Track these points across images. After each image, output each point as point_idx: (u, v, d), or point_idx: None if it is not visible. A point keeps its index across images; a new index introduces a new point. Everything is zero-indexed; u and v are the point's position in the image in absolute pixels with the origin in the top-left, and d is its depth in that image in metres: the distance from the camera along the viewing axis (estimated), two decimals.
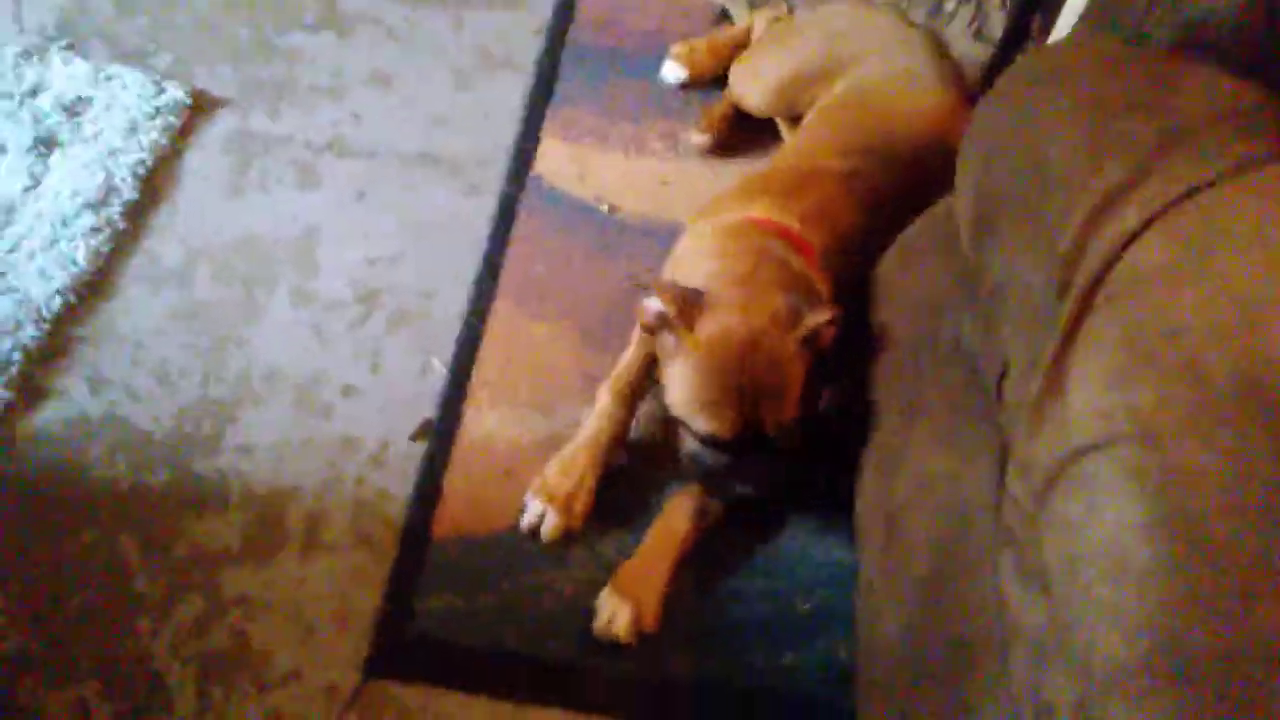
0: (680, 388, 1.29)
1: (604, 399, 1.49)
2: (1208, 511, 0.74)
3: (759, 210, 1.44)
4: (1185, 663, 0.71)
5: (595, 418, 1.48)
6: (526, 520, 1.44)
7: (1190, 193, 0.86)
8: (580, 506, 1.44)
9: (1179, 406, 0.79)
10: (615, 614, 1.35)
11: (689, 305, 1.27)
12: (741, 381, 1.24)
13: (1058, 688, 0.79)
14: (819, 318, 1.26)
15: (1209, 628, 0.71)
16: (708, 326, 1.26)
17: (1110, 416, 0.81)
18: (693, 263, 1.41)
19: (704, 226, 1.48)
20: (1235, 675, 0.70)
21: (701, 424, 1.27)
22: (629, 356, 1.52)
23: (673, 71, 1.97)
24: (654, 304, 1.29)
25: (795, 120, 1.80)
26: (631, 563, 1.39)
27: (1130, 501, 0.78)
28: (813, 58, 1.76)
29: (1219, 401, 0.77)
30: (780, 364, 1.25)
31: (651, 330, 1.32)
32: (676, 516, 1.41)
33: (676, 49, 1.98)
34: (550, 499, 1.43)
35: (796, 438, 1.30)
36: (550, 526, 1.43)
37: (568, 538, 1.44)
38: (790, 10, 2.07)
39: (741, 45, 1.97)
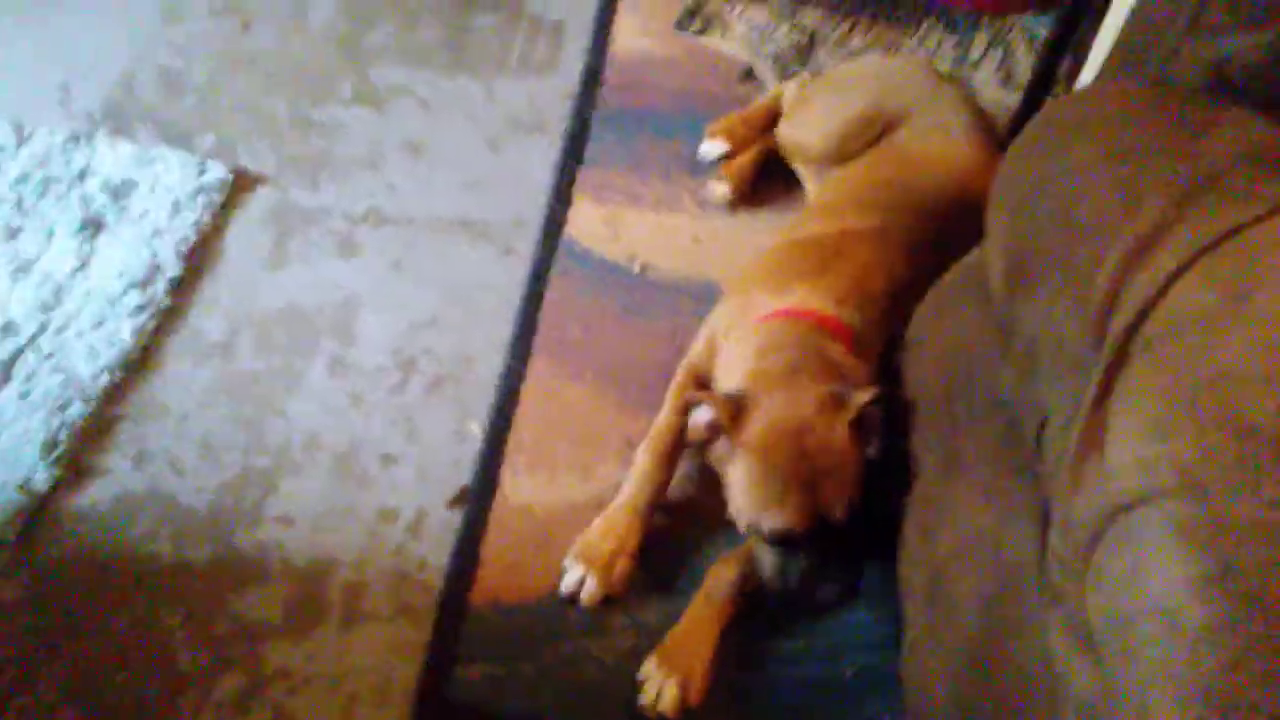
0: (742, 491, 1.30)
1: (642, 460, 1.48)
2: (1260, 566, 0.71)
3: (795, 299, 1.45)
4: None
5: (634, 480, 1.47)
6: (566, 585, 1.42)
7: (1225, 235, 0.84)
8: (621, 571, 1.42)
9: (1224, 457, 0.76)
10: (662, 689, 1.32)
11: (736, 408, 1.29)
12: (799, 469, 1.25)
13: None
14: (862, 398, 1.27)
15: (1267, 690, 0.68)
16: (757, 424, 1.28)
17: (1152, 469, 0.79)
18: (733, 365, 1.43)
19: (743, 327, 1.48)
20: None
21: (770, 521, 1.27)
22: (664, 417, 1.51)
23: (713, 149, 1.97)
24: (703, 414, 1.31)
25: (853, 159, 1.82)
26: (675, 634, 1.37)
27: (1178, 558, 0.75)
28: (870, 104, 1.78)
29: (1265, 451, 0.74)
30: (833, 447, 1.26)
31: (706, 442, 1.34)
32: (719, 585, 1.39)
33: (712, 127, 1.98)
34: (590, 563, 1.42)
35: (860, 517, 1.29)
36: (590, 592, 1.41)
37: (608, 602, 1.42)
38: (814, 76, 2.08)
39: (775, 112, 1.98)
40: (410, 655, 1.39)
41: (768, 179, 1.95)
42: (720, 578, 1.39)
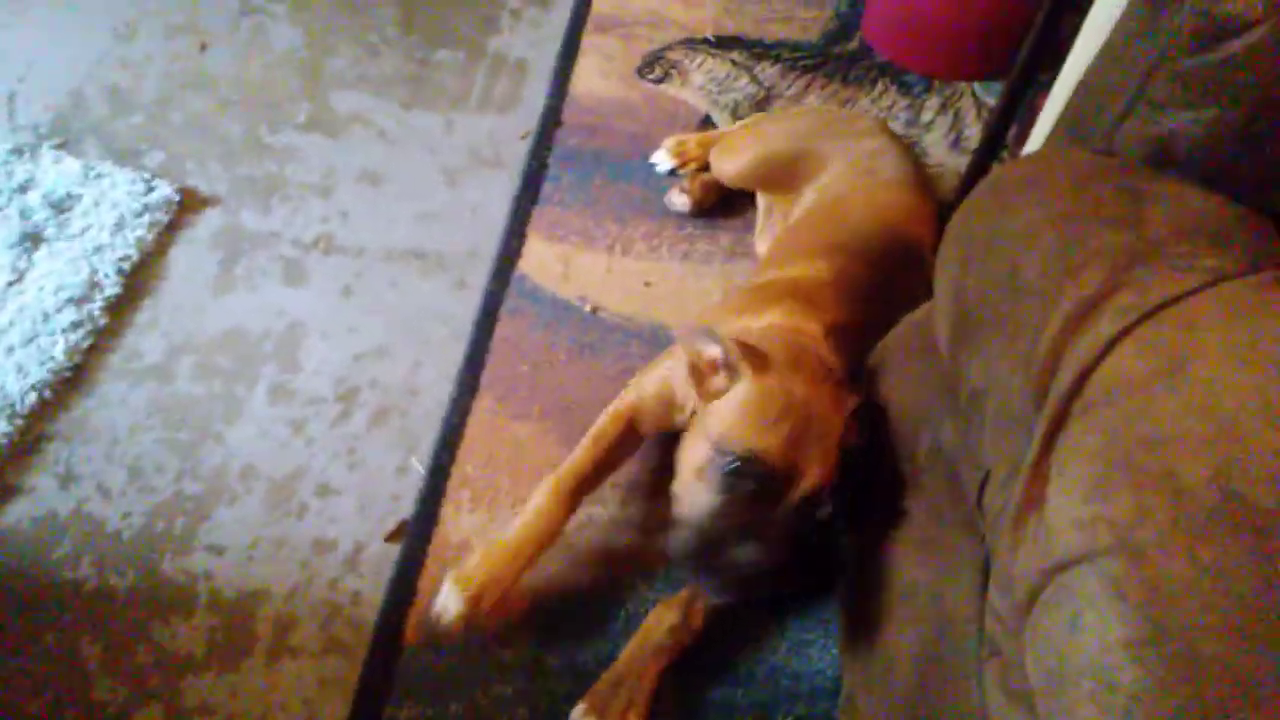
0: (734, 410, 1.23)
1: (541, 497, 1.40)
2: (1193, 628, 0.72)
3: (779, 317, 1.42)
4: None
5: (529, 514, 1.39)
6: (436, 603, 1.34)
7: (1164, 304, 0.87)
8: (488, 603, 1.34)
9: (1159, 518, 0.77)
10: (449, 602, 1.30)
11: (756, 354, 1.26)
12: (798, 414, 1.20)
13: None
14: (855, 399, 1.26)
15: None
16: (770, 366, 1.25)
17: (1090, 528, 0.80)
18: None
19: (733, 328, 1.43)
20: None
21: (749, 440, 1.19)
22: (578, 455, 1.45)
23: (662, 160, 2.03)
24: (712, 348, 1.26)
25: (774, 192, 1.89)
26: (608, 677, 1.35)
27: (1114, 618, 0.76)
28: (783, 144, 1.85)
29: (1199, 513, 0.76)
30: (830, 423, 1.22)
31: (699, 376, 1.29)
32: (659, 628, 1.37)
33: (669, 141, 2.05)
34: (463, 589, 1.34)
35: (817, 512, 1.22)
36: (453, 616, 1.33)
37: (469, 629, 1.34)
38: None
39: None
40: (340, 693, 1.36)
41: (727, 211, 1.98)
42: (661, 621, 1.37)
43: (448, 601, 1.33)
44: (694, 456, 1.26)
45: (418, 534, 1.51)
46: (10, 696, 1.31)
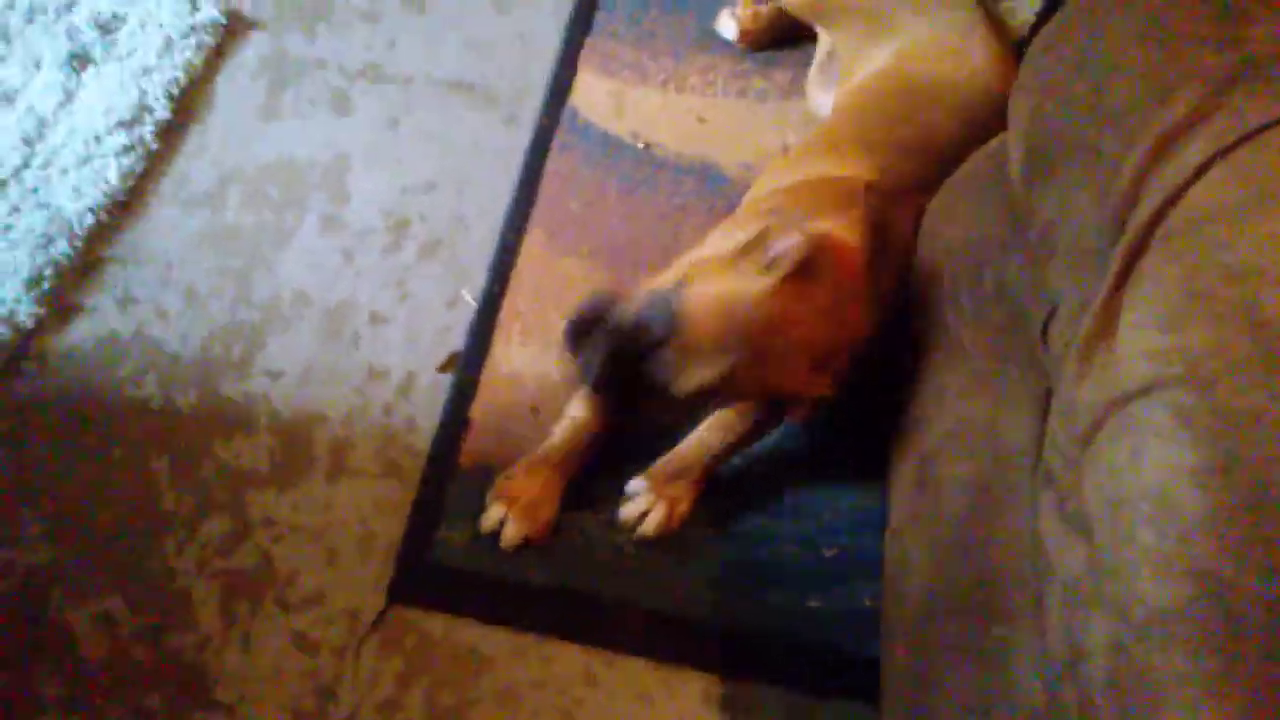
0: (716, 296, 1.15)
1: (578, 408, 1.40)
2: (1264, 459, 0.72)
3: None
4: (1232, 612, 0.69)
5: (568, 425, 1.40)
6: (485, 524, 1.36)
7: (1259, 130, 0.83)
8: (545, 514, 1.36)
9: (1235, 350, 0.76)
10: (651, 511, 1.35)
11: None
12: (750, 354, 1.14)
13: (1093, 630, 0.77)
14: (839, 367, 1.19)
15: (1258, 577, 0.69)
16: (792, 300, 1.14)
17: (1162, 359, 0.79)
18: None
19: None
20: None
21: (695, 333, 1.14)
22: None
23: (726, 28, 1.90)
24: (788, 243, 1.14)
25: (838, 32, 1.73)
26: (671, 460, 1.37)
27: (1180, 447, 0.75)
28: None
29: (1277, 346, 0.74)
30: (795, 363, 1.16)
31: (752, 246, 1.18)
32: (718, 428, 1.38)
33: (739, 10, 1.88)
34: (511, 504, 1.35)
35: (695, 400, 1.20)
36: (511, 533, 1.35)
37: (528, 545, 1.36)
38: None
39: None
40: (394, 513, 1.40)
41: (786, 46, 1.89)
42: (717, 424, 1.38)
43: (500, 521, 1.36)
44: (660, 280, 1.22)
45: (470, 365, 1.52)
46: (80, 506, 1.37)
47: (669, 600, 1.35)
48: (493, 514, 1.37)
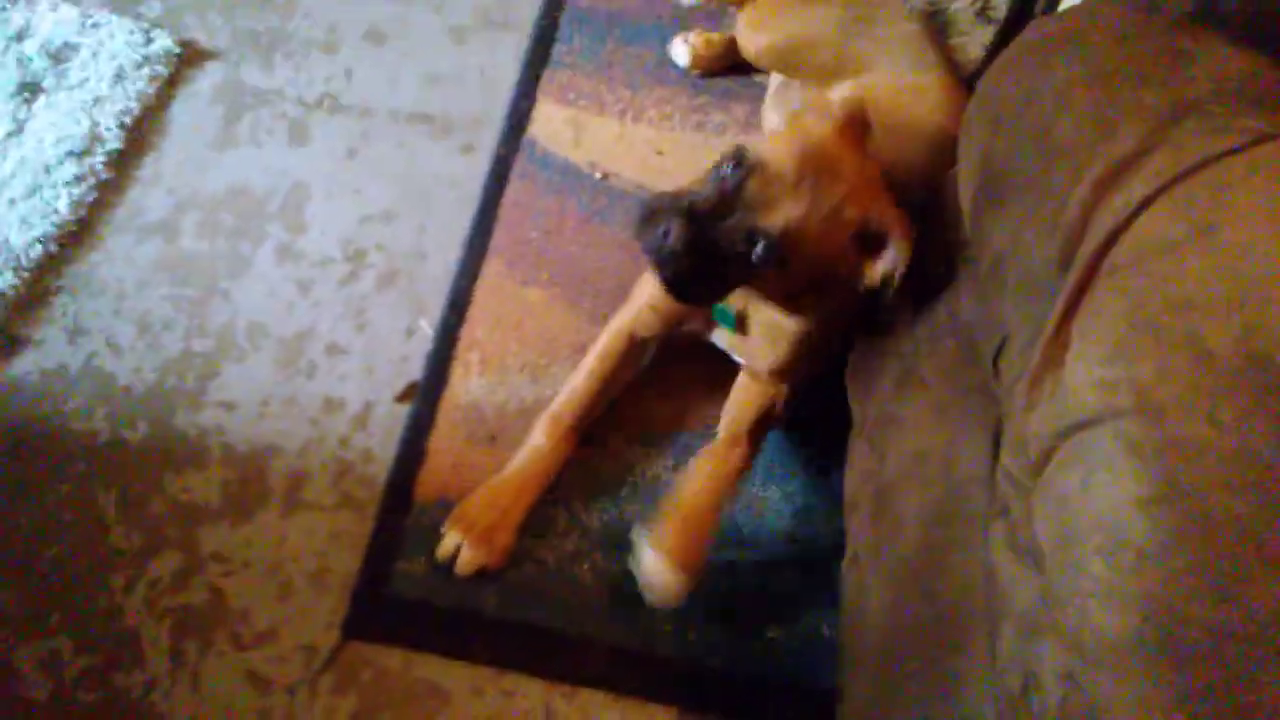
0: (790, 138, 1.22)
1: (539, 437, 1.42)
2: (1208, 487, 0.73)
3: None
4: (1180, 640, 0.70)
5: (527, 453, 1.41)
6: (440, 552, 1.36)
7: (1199, 165, 0.85)
8: (500, 544, 1.36)
9: (1181, 380, 0.77)
10: (668, 577, 1.27)
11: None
12: (815, 188, 1.15)
13: (1045, 660, 0.78)
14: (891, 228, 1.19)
15: (1206, 605, 0.70)
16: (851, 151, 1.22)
17: (1110, 389, 0.80)
18: None
19: None
20: (1231, 654, 0.69)
21: (769, 152, 1.18)
22: (577, 386, 1.44)
23: (679, 54, 1.91)
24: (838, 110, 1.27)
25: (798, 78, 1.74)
26: (674, 522, 1.30)
27: (1128, 476, 0.76)
28: (818, 36, 1.65)
29: (1222, 376, 0.76)
30: (840, 221, 1.17)
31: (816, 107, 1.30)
32: (706, 470, 1.36)
33: (692, 37, 1.90)
34: (467, 532, 1.36)
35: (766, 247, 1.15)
36: (466, 561, 1.35)
37: (485, 573, 1.36)
38: None
39: None
40: (351, 546, 1.38)
41: (742, 78, 1.90)
42: (706, 468, 1.36)
43: (456, 548, 1.35)
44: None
45: (427, 395, 1.51)
46: (28, 542, 1.33)
47: (629, 633, 1.35)
48: (448, 542, 1.36)
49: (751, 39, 1.75)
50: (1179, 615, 0.71)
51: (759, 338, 1.40)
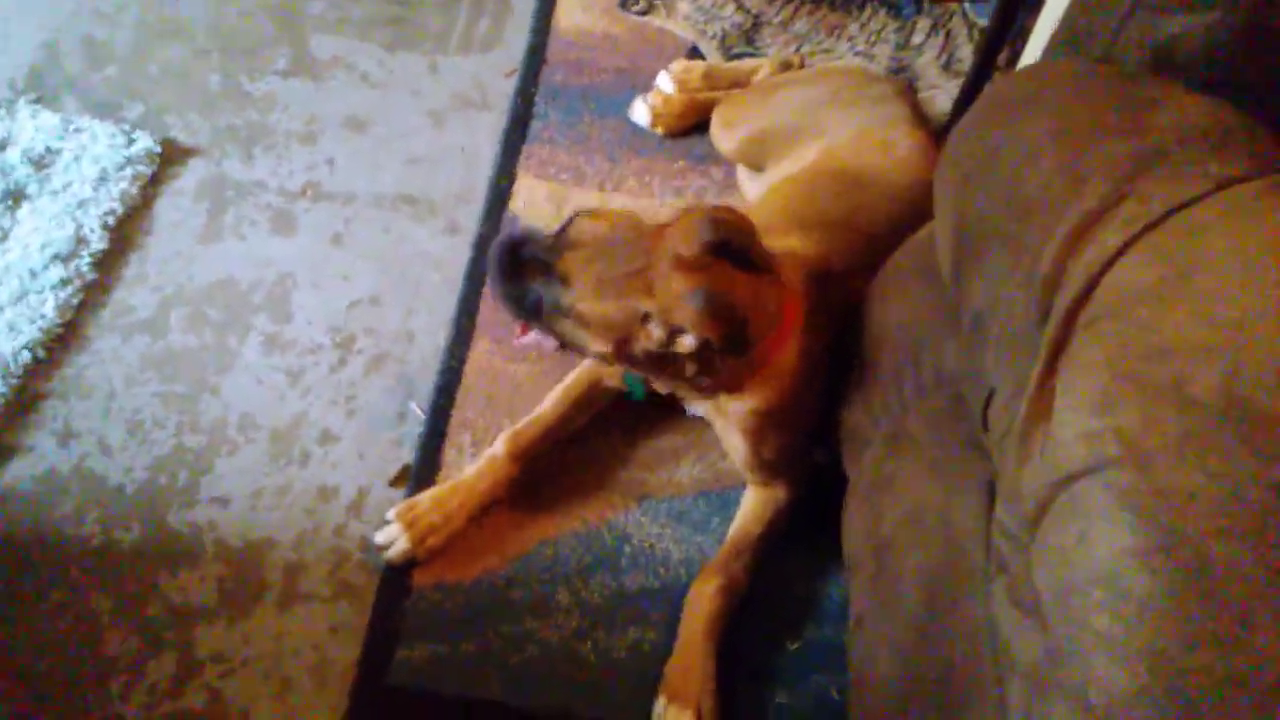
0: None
1: (498, 449, 1.47)
2: (1203, 535, 0.73)
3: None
4: (1186, 691, 0.69)
5: (484, 464, 1.46)
6: (380, 536, 1.42)
7: (1169, 213, 0.86)
8: (433, 542, 1.42)
9: (1167, 428, 0.77)
10: (397, 541, 1.38)
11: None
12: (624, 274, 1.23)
13: (1054, 718, 0.77)
14: (693, 327, 1.21)
15: (1209, 655, 0.69)
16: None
17: (1098, 440, 0.80)
18: None
19: None
20: (1237, 703, 0.68)
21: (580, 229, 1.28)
22: (543, 411, 1.50)
23: (640, 114, 1.96)
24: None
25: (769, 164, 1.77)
26: (674, 665, 1.33)
27: (1123, 527, 0.76)
28: (789, 115, 1.72)
29: (1208, 422, 0.76)
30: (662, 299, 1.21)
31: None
32: (703, 599, 1.35)
33: (651, 97, 1.96)
34: (409, 527, 1.41)
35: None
36: (397, 552, 1.41)
37: (410, 563, 1.42)
38: (800, 55, 2.07)
39: (739, 81, 1.97)
40: (350, 636, 1.37)
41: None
42: (703, 594, 1.36)
43: (393, 536, 1.41)
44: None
45: (421, 478, 1.50)
46: (21, 656, 1.32)
47: (637, 712, 1.32)
48: (390, 531, 1.42)
49: (724, 138, 1.81)
50: (1184, 666, 0.70)
51: (724, 429, 1.41)
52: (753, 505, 1.44)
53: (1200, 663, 0.70)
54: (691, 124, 1.95)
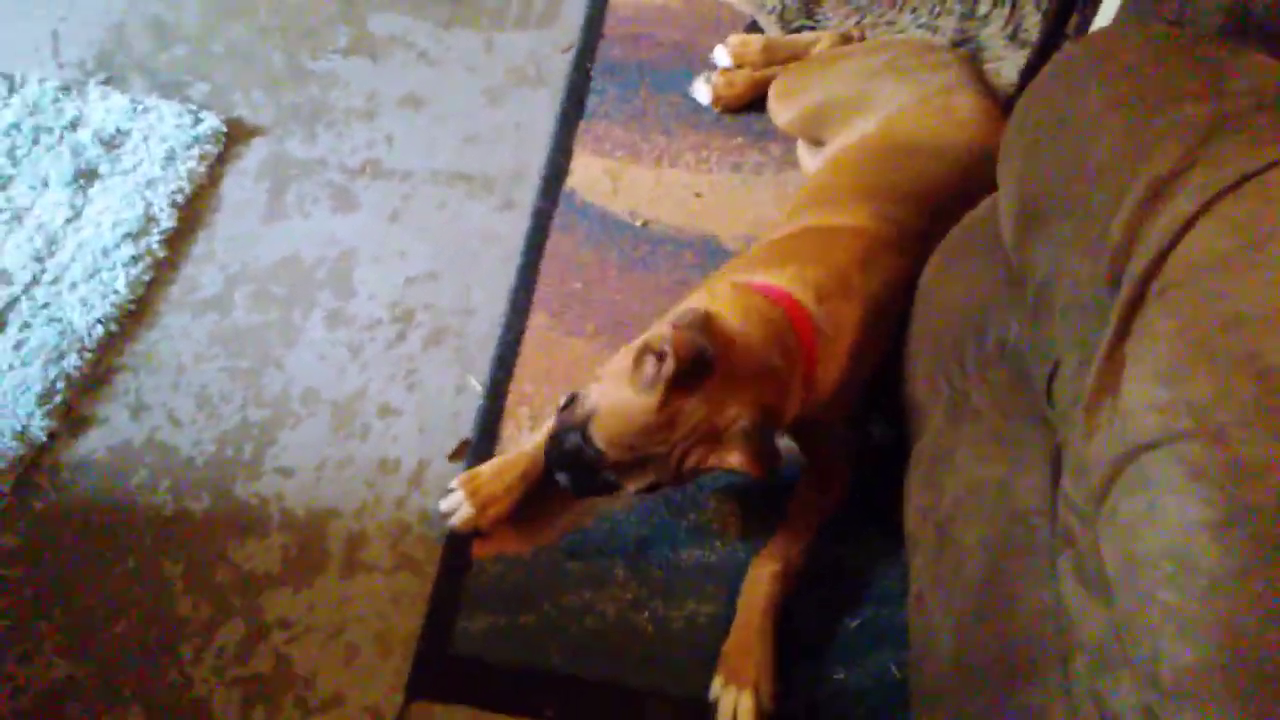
0: (616, 408, 1.22)
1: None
2: (1276, 508, 0.71)
3: (786, 281, 1.32)
4: (1260, 669, 0.68)
5: (543, 437, 1.41)
6: (444, 504, 1.44)
7: (1243, 179, 0.83)
8: (495, 511, 1.42)
9: (1241, 400, 0.75)
10: (738, 703, 1.29)
11: (689, 373, 1.18)
12: (645, 444, 1.21)
13: (1123, 695, 0.76)
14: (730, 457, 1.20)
15: None
16: (677, 402, 1.19)
17: (1169, 411, 0.78)
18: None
19: (719, 286, 1.36)
20: None
21: (598, 437, 1.24)
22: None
23: (720, 57, 1.98)
24: (666, 345, 1.17)
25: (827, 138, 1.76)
26: (731, 645, 1.33)
27: (1194, 501, 0.74)
28: (846, 87, 1.71)
29: None
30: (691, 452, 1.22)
31: (640, 358, 1.21)
32: (761, 583, 1.35)
33: (714, 76, 1.95)
34: (472, 495, 1.42)
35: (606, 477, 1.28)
36: (461, 519, 1.42)
37: (476, 533, 1.44)
38: (861, 28, 2.04)
39: (797, 55, 1.96)
40: (411, 606, 1.39)
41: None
42: (761, 577, 1.35)
43: (456, 504, 1.42)
44: (574, 400, 1.30)
45: (480, 451, 1.52)
46: (96, 617, 1.36)
47: (694, 683, 1.33)
48: (453, 499, 1.44)
49: (781, 111, 1.80)
50: (1256, 641, 0.68)
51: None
52: (808, 485, 1.44)
53: (1274, 638, 0.68)
54: (750, 103, 1.94)
